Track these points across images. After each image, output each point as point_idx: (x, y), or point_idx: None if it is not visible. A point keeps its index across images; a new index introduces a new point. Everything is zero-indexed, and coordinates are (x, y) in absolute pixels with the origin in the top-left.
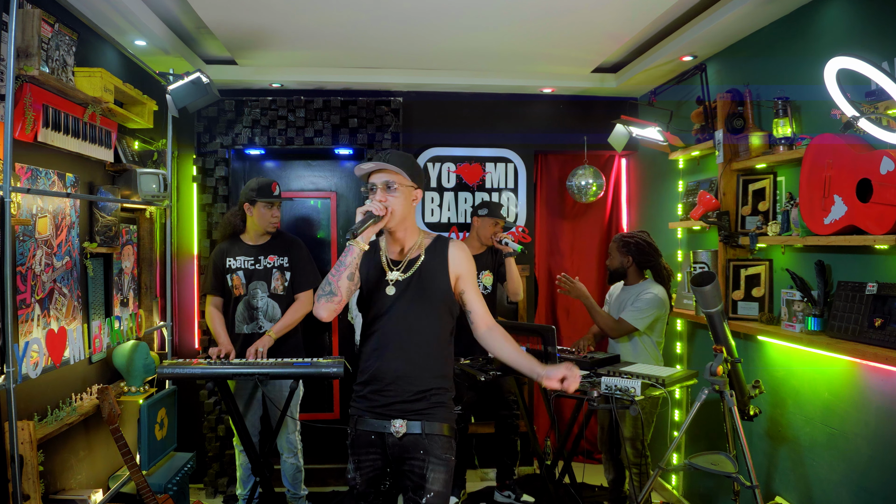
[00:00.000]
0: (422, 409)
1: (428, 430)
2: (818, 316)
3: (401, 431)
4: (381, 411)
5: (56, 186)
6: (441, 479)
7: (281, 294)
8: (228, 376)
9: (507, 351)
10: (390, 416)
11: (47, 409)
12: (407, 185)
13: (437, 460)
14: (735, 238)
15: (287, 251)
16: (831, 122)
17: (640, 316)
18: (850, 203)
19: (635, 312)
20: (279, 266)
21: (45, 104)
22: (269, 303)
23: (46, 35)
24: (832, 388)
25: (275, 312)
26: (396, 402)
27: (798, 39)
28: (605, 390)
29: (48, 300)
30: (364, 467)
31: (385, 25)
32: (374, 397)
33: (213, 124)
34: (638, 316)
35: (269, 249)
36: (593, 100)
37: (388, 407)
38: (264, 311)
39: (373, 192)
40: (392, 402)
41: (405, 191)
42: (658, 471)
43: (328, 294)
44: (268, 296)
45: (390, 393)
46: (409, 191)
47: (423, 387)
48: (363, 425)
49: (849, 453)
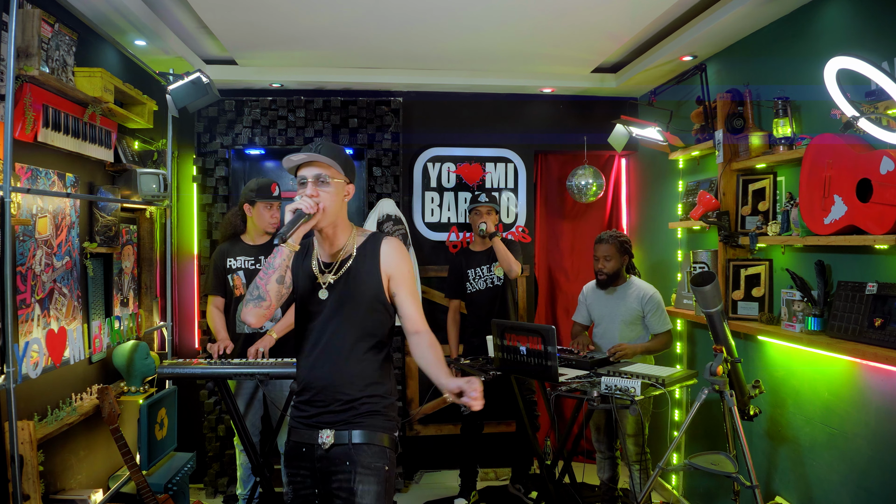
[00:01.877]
0: (351, 419)
1: (357, 439)
2: (818, 316)
3: (328, 443)
4: (311, 422)
5: (56, 186)
6: (372, 491)
7: None
8: (229, 376)
9: (425, 358)
10: (318, 427)
11: (47, 409)
12: (339, 180)
13: (366, 470)
14: (735, 238)
15: None
16: (831, 122)
17: (666, 317)
18: (850, 203)
19: (662, 316)
20: None
21: (45, 104)
22: None
23: (46, 35)
24: (832, 388)
25: (276, 312)
26: (325, 413)
27: (798, 39)
28: (604, 390)
29: (48, 300)
30: (295, 482)
31: (385, 25)
32: (304, 407)
33: (213, 124)
34: (665, 318)
35: (270, 250)
36: (593, 100)
37: (317, 417)
38: None
39: (303, 186)
40: (320, 412)
41: (337, 185)
42: (658, 470)
43: (256, 299)
44: None
45: (318, 402)
46: (341, 185)
47: (353, 395)
48: (295, 436)
49: (849, 453)
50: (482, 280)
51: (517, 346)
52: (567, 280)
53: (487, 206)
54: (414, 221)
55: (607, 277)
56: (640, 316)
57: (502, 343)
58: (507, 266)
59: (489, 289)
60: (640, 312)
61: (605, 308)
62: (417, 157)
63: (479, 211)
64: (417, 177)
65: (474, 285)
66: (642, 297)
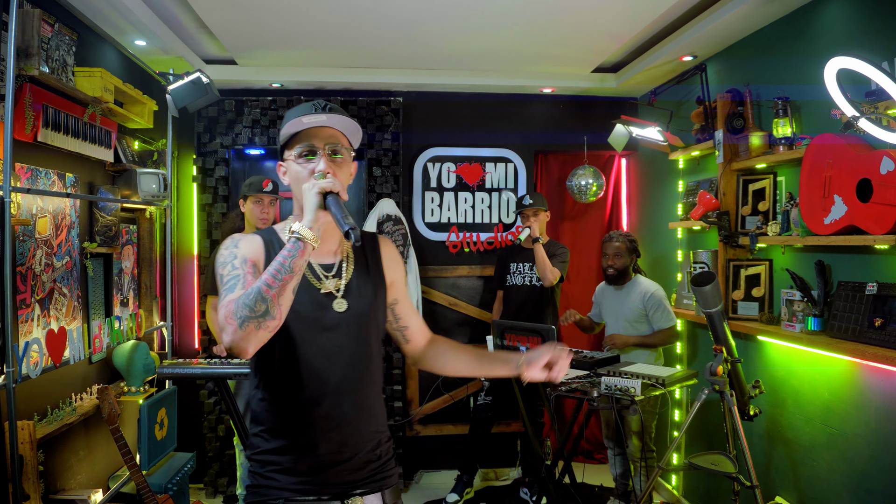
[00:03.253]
0: (380, 475)
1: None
2: (818, 316)
3: None
4: (314, 486)
5: (56, 186)
6: None
7: None
8: (228, 376)
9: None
10: (337, 495)
11: (47, 409)
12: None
13: None
14: (735, 238)
15: None
16: (831, 122)
17: (670, 314)
18: (850, 203)
19: (664, 313)
20: None
21: (45, 104)
22: None
23: (46, 35)
24: (832, 388)
25: None
26: (343, 471)
27: (798, 39)
28: (605, 390)
29: (48, 300)
30: None
31: (385, 25)
32: (297, 467)
33: (213, 124)
34: (667, 315)
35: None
36: (593, 100)
37: (332, 478)
38: None
39: (306, 158)
40: (338, 469)
41: (348, 163)
42: (658, 470)
43: (261, 316)
44: None
45: (331, 456)
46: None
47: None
48: None
49: (849, 453)
50: (521, 276)
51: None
52: (567, 281)
53: (533, 209)
54: (414, 221)
55: (616, 273)
56: (644, 314)
57: (502, 343)
58: (541, 272)
59: (526, 287)
60: (644, 310)
61: (612, 307)
62: (417, 157)
63: (525, 214)
64: (417, 177)
65: (513, 279)
66: (644, 294)
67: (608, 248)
